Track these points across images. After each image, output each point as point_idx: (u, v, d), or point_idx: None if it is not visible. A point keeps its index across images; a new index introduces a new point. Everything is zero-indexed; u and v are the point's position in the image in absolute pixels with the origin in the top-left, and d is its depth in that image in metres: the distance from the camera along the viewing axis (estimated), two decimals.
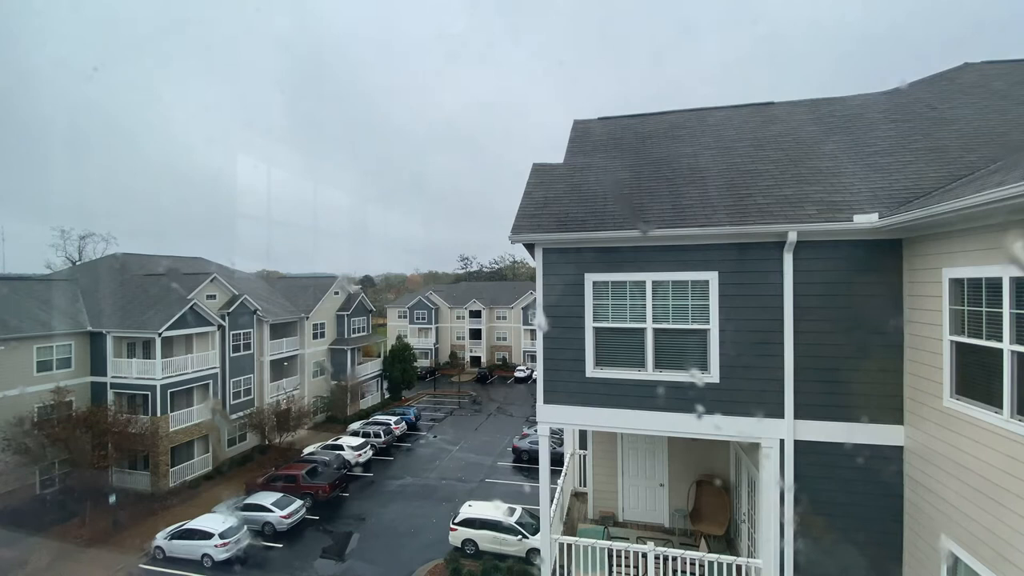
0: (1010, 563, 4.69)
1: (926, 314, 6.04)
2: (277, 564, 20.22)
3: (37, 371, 25.22)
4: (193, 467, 28.49)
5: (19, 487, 23.62)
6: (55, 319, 26.71)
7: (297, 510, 22.93)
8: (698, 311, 7.19)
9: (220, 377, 30.92)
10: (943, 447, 5.73)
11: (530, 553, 19.08)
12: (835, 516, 6.68)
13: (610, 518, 10.81)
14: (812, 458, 6.77)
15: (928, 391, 6.00)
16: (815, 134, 9.02)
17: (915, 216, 5.71)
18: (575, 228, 7.49)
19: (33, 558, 19.80)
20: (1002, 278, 4.90)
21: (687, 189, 7.98)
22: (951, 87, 9.55)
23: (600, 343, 7.63)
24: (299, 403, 34.41)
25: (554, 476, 8.44)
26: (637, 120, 11.30)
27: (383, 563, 19.89)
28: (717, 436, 7.42)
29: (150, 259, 36.80)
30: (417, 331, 67.92)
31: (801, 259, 6.80)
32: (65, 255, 53.69)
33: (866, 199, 6.84)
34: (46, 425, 22.87)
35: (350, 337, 43.09)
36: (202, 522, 20.71)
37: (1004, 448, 4.85)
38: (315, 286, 42.51)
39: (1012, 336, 4.80)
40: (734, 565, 6.95)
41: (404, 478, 28.98)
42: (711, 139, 9.68)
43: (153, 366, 26.77)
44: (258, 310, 33.86)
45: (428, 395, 51.96)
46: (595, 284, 7.59)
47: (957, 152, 7.58)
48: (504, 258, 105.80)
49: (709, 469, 10.31)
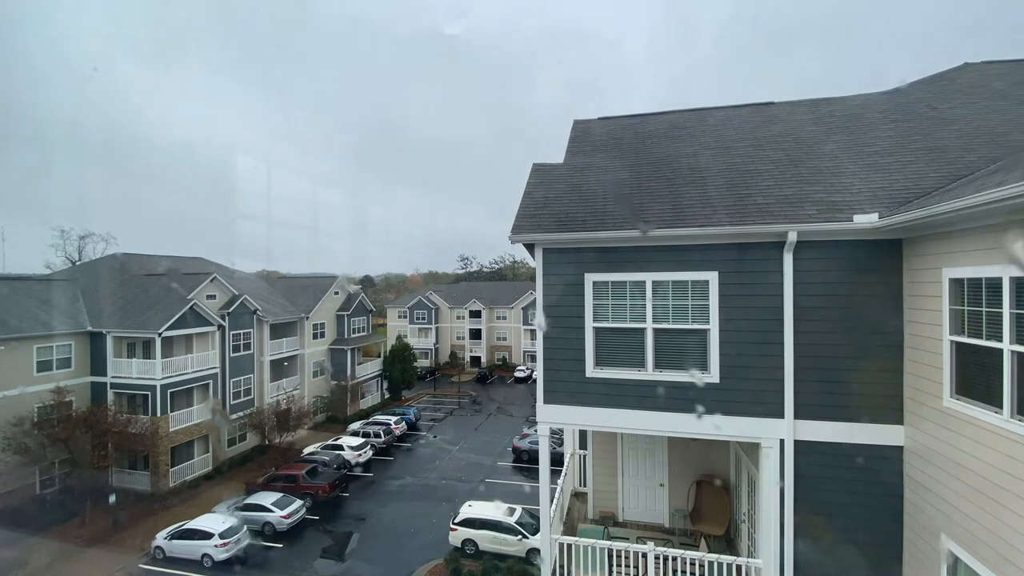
0: (1010, 563, 4.69)
1: (926, 314, 6.04)
2: (277, 564, 20.22)
3: (37, 371, 25.23)
4: (193, 467, 28.49)
5: (19, 487, 23.62)
6: (55, 319, 26.72)
7: (297, 510, 22.93)
8: (698, 311, 7.19)
9: (220, 377, 30.92)
10: (943, 447, 5.73)
11: (530, 553, 19.08)
12: (835, 516, 6.68)
13: (610, 518, 10.81)
14: (812, 458, 6.77)
15: (928, 391, 6.00)
16: (815, 134, 9.02)
17: (915, 216, 5.71)
18: (575, 228, 7.49)
19: (33, 558, 19.80)
20: (1002, 278, 4.90)
21: (687, 189, 7.98)
22: (951, 87, 9.55)
23: (600, 343, 7.63)
24: (299, 403, 34.40)
25: (554, 476, 8.44)
26: (637, 120, 11.30)
27: (383, 563, 19.89)
28: (717, 436, 7.42)
29: (150, 259, 36.80)
30: (417, 331, 67.93)
31: (801, 259, 6.80)
32: (65, 255, 53.77)
33: (866, 199, 6.84)
34: (46, 425, 22.88)
35: (350, 337, 43.10)
36: (202, 522, 20.70)
37: (1004, 448, 4.85)
38: (315, 286, 42.52)
39: (1012, 336, 4.80)
40: (734, 565, 6.95)
41: (404, 478, 28.99)
42: (711, 139, 9.68)
43: (153, 366, 26.77)
44: (258, 310, 33.87)
45: (428, 395, 51.97)
46: (595, 284, 7.59)
47: (957, 152, 7.58)
48: (504, 258, 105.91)
49: (709, 469, 10.31)
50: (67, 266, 46.23)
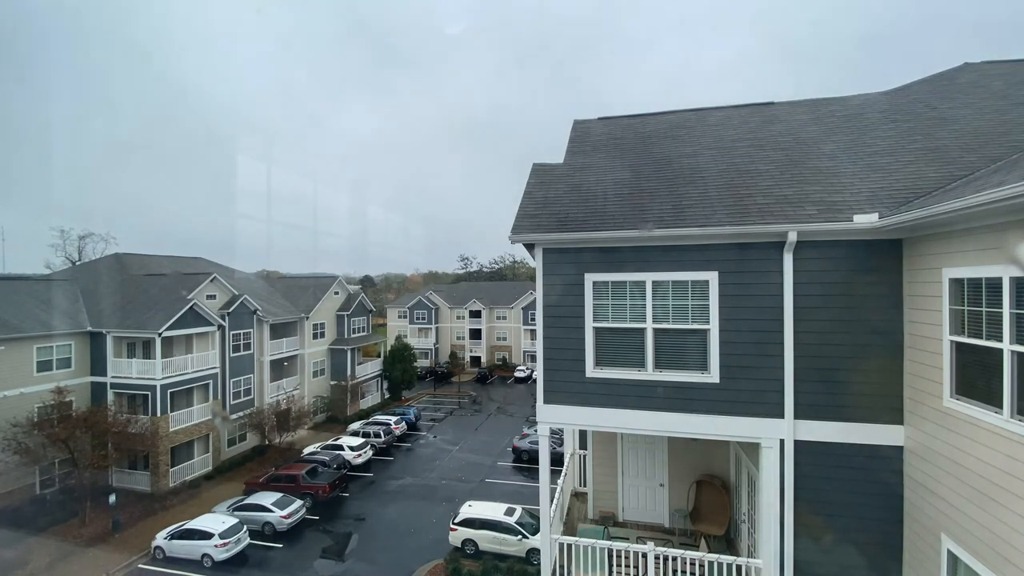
0: (1010, 563, 4.69)
1: (926, 314, 6.04)
2: (277, 564, 20.21)
3: (37, 371, 25.22)
4: (193, 467, 28.48)
5: (19, 487, 23.61)
6: (55, 319, 26.71)
7: (297, 510, 22.93)
8: (698, 311, 7.19)
9: (220, 377, 30.91)
10: (943, 447, 5.73)
11: (530, 553, 19.08)
12: (835, 516, 6.68)
13: (610, 518, 10.81)
14: (812, 458, 6.77)
15: (928, 391, 6.00)
16: (815, 134, 9.02)
17: (915, 216, 5.71)
18: (575, 228, 7.49)
19: (33, 558, 19.79)
20: (1002, 278, 4.90)
21: (687, 189, 7.98)
22: (951, 87, 9.55)
23: (600, 343, 7.63)
24: (299, 403, 34.42)
25: (554, 476, 8.44)
26: (637, 120, 11.31)
27: (383, 563, 19.88)
28: (717, 436, 7.42)
29: (150, 259, 36.82)
30: (417, 331, 67.92)
31: (801, 259, 6.80)
32: (65, 255, 53.78)
33: (866, 199, 6.84)
34: (46, 425, 22.86)
35: (350, 337, 43.08)
36: (202, 522, 20.68)
37: (1004, 448, 4.85)
38: (315, 286, 42.50)
39: (1012, 336, 4.80)
40: (734, 565, 6.95)
41: (404, 478, 28.98)
42: (711, 139, 9.68)
43: (153, 366, 26.76)
44: (258, 310, 33.86)
45: (428, 395, 51.96)
46: (595, 284, 7.59)
47: (957, 152, 7.58)
48: (504, 258, 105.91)
49: (709, 469, 10.31)
50: (67, 266, 46.22)
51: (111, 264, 34.45)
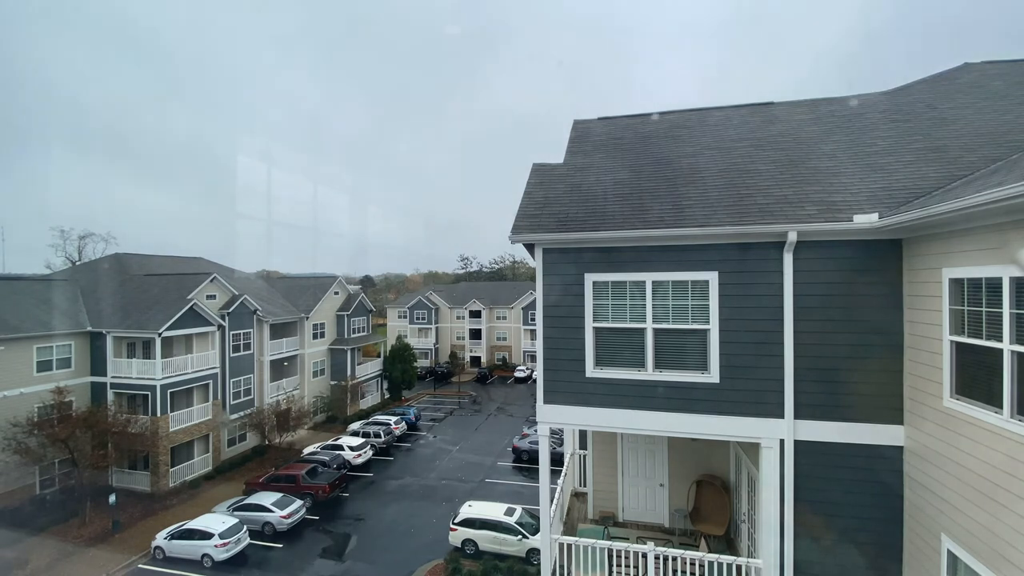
0: (1009, 563, 4.69)
1: (926, 314, 6.04)
2: (277, 564, 20.21)
3: (37, 371, 25.22)
4: (193, 467, 28.49)
5: (19, 487, 23.63)
6: (55, 319, 26.70)
7: (297, 510, 22.93)
8: (698, 311, 7.19)
9: (220, 377, 30.91)
10: (943, 447, 5.74)
11: (530, 553, 19.09)
12: (835, 516, 6.68)
13: (610, 518, 10.81)
14: (812, 458, 6.78)
15: (928, 391, 6.00)
16: (815, 134, 9.02)
17: (915, 216, 5.71)
18: (575, 228, 7.49)
19: (33, 558, 19.79)
20: (1002, 278, 4.90)
21: (687, 189, 7.98)
22: (951, 87, 9.55)
23: (600, 343, 7.63)
24: (299, 403, 34.40)
25: (554, 476, 8.44)
26: (637, 120, 11.30)
27: (383, 563, 19.88)
28: (717, 436, 7.42)
29: (150, 259, 36.82)
30: (417, 331, 67.92)
31: (801, 259, 6.80)
32: (65, 255, 53.81)
33: (866, 199, 6.84)
34: (46, 425, 22.86)
35: (350, 337, 43.08)
36: (202, 522, 20.69)
37: (1004, 448, 4.85)
38: (315, 286, 42.50)
39: (1012, 336, 4.80)
40: (734, 565, 6.95)
41: (404, 478, 28.98)
42: (711, 139, 9.68)
43: (153, 366, 26.76)
44: (258, 310, 33.86)
45: (428, 395, 51.96)
46: (595, 284, 7.59)
47: (957, 152, 7.58)
48: (504, 258, 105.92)
49: (709, 469, 10.31)
50: (67, 266, 46.24)
51: (111, 264, 34.46)
